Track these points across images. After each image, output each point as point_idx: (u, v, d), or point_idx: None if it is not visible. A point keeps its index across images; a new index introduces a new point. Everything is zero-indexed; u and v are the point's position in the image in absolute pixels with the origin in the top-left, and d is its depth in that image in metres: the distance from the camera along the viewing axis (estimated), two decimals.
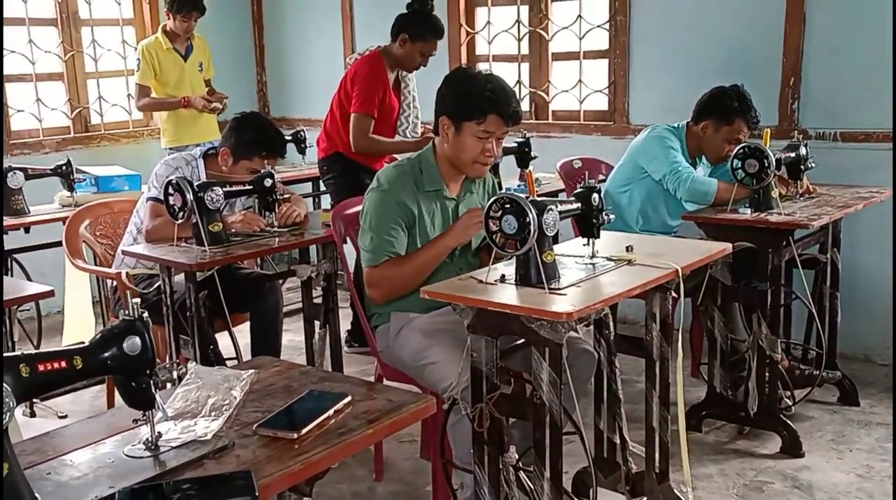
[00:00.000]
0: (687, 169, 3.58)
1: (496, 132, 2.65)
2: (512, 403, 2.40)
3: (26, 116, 5.25)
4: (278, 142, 3.39)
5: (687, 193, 3.55)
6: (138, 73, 5.04)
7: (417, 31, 4.07)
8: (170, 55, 5.06)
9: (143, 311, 1.51)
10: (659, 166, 3.62)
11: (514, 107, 2.65)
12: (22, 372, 1.37)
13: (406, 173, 2.75)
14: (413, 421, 1.83)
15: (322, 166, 4.38)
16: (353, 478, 3.16)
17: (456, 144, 2.69)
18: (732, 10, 4.30)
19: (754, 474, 3.13)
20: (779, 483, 3.06)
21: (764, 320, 3.26)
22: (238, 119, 3.39)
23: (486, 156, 2.68)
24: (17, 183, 4.01)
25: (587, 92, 4.92)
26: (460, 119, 2.65)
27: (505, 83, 2.70)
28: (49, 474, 1.52)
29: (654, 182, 3.67)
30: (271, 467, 1.52)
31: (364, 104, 4.09)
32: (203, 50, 5.24)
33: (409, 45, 4.09)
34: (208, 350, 3.14)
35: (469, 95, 2.63)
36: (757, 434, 3.39)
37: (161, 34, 5.07)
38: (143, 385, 1.52)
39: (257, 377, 1.92)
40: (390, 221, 2.67)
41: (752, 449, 3.32)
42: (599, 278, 2.40)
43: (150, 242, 3.24)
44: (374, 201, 2.72)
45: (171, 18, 4.99)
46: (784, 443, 3.27)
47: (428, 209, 2.75)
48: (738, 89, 3.59)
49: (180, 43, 5.11)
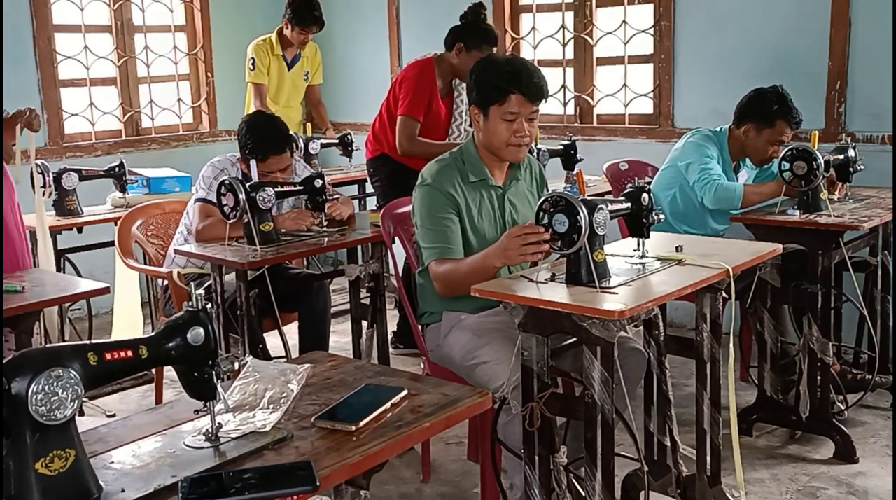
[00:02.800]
0: (715, 176, 3.55)
1: (522, 111, 2.62)
2: (563, 402, 2.39)
3: (80, 120, 5.36)
4: (276, 140, 3.36)
5: (713, 201, 3.53)
6: (252, 73, 5.14)
7: (474, 41, 4.10)
8: (276, 61, 5.17)
9: (207, 302, 1.53)
10: (691, 172, 3.61)
11: (535, 82, 2.61)
12: (90, 360, 1.40)
13: (449, 166, 2.74)
14: (469, 415, 1.83)
15: (369, 168, 4.42)
16: (401, 479, 3.17)
17: (487, 131, 2.68)
18: (777, 14, 4.27)
19: (807, 479, 3.09)
20: (833, 489, 3.02)
21: (815, 323, 3.22)
22: (243, 124, 3.43)
23: (518, 137, 2.65)
24: (72, 184, 4.10)
25: (632, 96, 4.91)
26: (485, 105, 2.66)
27: (526, 61, 2.70)
28: (112, 462, 1.54)
29: (690, 186, 3.65)
30: (330, 458, 1.53)
31: (410, 107, 4.12)
32: (312, 58, 5.37)
33: (464, 54, 4.12)
34: (258, 348, 3.18)
35: (489, 79, 2.64)
36: (809, 439, 3.34)
37: (275, 37, 5.16)
38: (206, 375, 1.55)
39: (313, 371, 1.93)
40: (441, 214, 2.67)
41: (804, 454, 3.27)
42: (650, 277, 2.39)
43: (201, 242, 3.29)
44: (421, 198, 2.73)
45: (289, 28, 5.07)
46: (837, 448, 3.22)
47: (474, 200, 2.73)
48: (778, 90, 3.55)
49: (290, 52, 5.21)
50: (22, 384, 1.31)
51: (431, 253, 2.66)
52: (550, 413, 2.35)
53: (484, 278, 2.47)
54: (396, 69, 5.84)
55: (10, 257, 3.20)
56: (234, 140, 5.70)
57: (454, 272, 2.59)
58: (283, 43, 5.17)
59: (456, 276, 2.58)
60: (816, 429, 3.30)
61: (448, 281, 2.61)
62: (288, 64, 5.23)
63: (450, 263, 2.62)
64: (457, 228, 2.68)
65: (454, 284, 2.58)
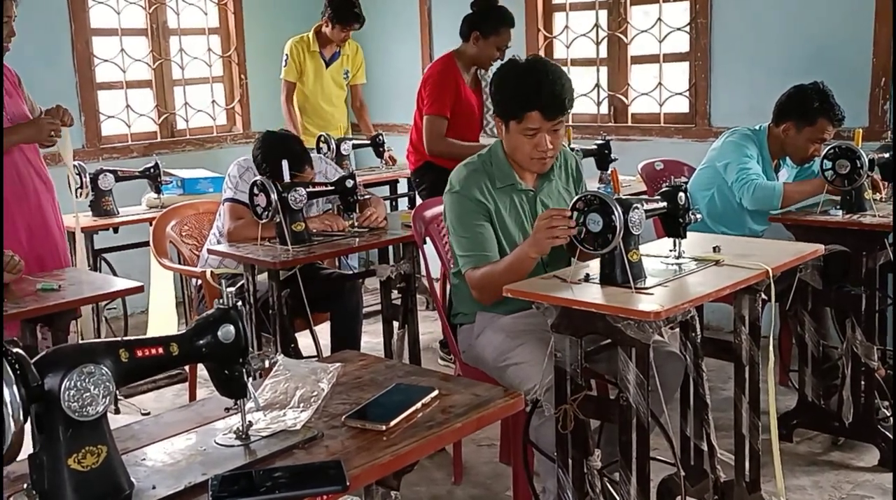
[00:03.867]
0: (754, 176, 3.48)
1: (542, 127, 2.54)
2: (597, 404, 2.36)
3: (117, 122, 5.41)
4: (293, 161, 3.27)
5: (752, 202, 3.47)
6: (284, 69, 5.18)
7: (490, 26, 4.05)
8: (314, 58, 5.19)
9: (238, 300, 1.52)
10: (730, 172, 3.55)
11: (556, 97, 2.51)
12: (122, 357, 1.40)
13: (477, 171, 2.68)
14: (500, 416, 1.80)
15: (415, 179, 4.41)
16: (432, 481, 3.15)
17: (509, 143, 2.64)
18: (818, 8, 4.18)
19: (851, 487, 3.01)
20: (878, 498, 2.93)
21: (858, 326, 3.14)
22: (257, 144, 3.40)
23: (539, 151, 2.59)
24: (108, 185, 4.14)
25: (667, 95, 4.85)
26: (506, 119, 2.60)
27: (549, 69, 2.56)
28: (144, 459, 1.54)
29: (728, 186, 3.59)
30: (360, 458, 1.51)
31: (434, 105, 4.07)
32: (353, 57, 5.36)
33: (482, 42, 4.08)
34: (289, 348, 3.18)
35: (507, 94, 2.57)
36: (852, 446, 3.26)
37: (312, 35, 5.18)
38: (237, 373, 1.54)
39: (343, 371, 1.92)
40: (473, 220, 2.63)
41: (847, 461, 3.19)
42: (686, 278, 2.35)
43: (233, 242, 3.30)
44: (451, 205, 2.69)
45: (329, 25, 5.07)
46: (883, 455, 3.13)
47: (504, 204, 2.68)
48: (819, 87, 3.46)
49: (328, 49, 5.22)
50: (55, 380, 1.31)
51: (467, 261, 2.62)
52: (584, 416, 2.31)
53: (521, 275, 2.44)
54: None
55: (53, 255, 3.25)
56: None
57: (491, 275, 2.54)
58: (320, 41, 5.17)
59: (493, 277, 2.52)
60: (860, 435, 3.22)
61: (486, 284, 2.55)
62: (326, 62, 5.24)
63: (486, 267, 2.58)
64: (490, 232, 2.64)
65: (492, 285, 2.48)
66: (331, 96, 5.32)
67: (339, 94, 5.38)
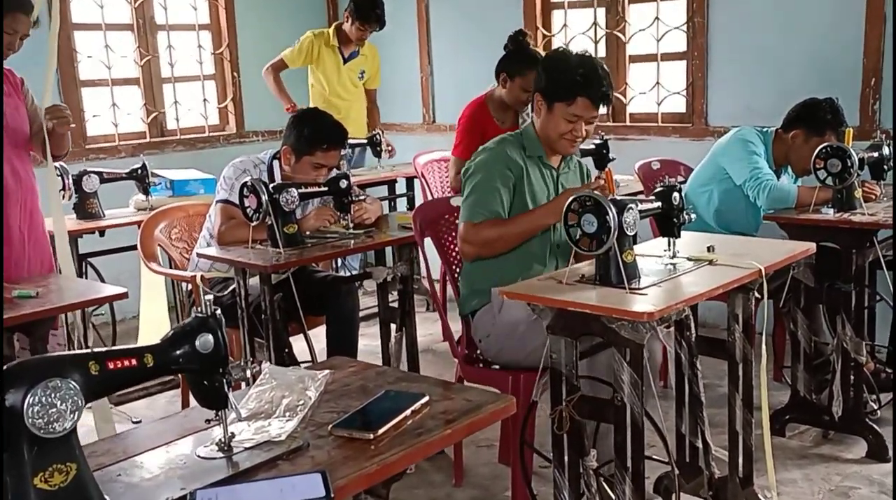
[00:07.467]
0: (768, 176, 3.49)
1: (585, 115, 2.69)
2: (592, 405, 2.33)
3: (103, 122, 5.28)
4: (336, 132, 3.33)
5: (768, 201, 3.45)
6: (289, 50, 5.19)
7: (516, 69, 4.09)
8: (331, 52, 5.21)
9: (216, 308, 1.47)
10: (740, 170, 3.54)
11: (604, 90, 2.68)
12: (91, 370, 1.34)
13: (511, 141, 2.84)
14: (492, 422, 1.77)
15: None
16: (431, 483, 3.11)
17: (547, 121, 2.75)
18: (811, 11, 4.20)
19: (840, 479, 3.05)
20: (865, 489, 2.98)
21: (848, 323, 3.18)
22: (296, 116, 3.39)
23: (573, 134, 2.73)
24: (92, 187, 4.05)
25: (665, 94, 4.83)
26: (552, 99, 2.71)
27: (599, 65, 2.72)
28: (119, 475, 1.49)
29: (735, 185, 3.58)
30: (347, 468, 1.48)
31: (458, 147, 4.24)
32: (370, 60, 5.38)
33: (510, 84, 4.12)
34: (283, 354, 3.12)
35: (561, 76, 2.69)
36: (842, 439, 3.31)
37: (333, 30, 5.20)
38: (216, 384, 1.49)
39: (333, 378, 1.88)
40: (496, 179, 2.73)
41: (837, 454, 3.24)
42: (680, 278, 2.36)
43: (223, 244, 3.23)
44: (482, 160, 2.79)
45: (349, 20, 5.09)
46: (870, 448, 3.19)
47: (533, 171, 2.81)
48: (833, 102, 3.50)
49: (347, 47, 5.23)
50: (17, 396, 1.24)
51: (478, 214, 2.71)
52: (579, 416, 2.30)
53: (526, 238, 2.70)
54: (426, 69, 5.85)
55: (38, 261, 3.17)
56: (262, 142, 5.73)
57: (494, 231, 2.69)
58: (339, 37, 5.19)
59: (504, 233, 2.69)
60: (849, 429, 3.28)
61: (496, 239, 2.70)
62: (344, 58, 5.24)
63: (488, 224, 2.69)
64: (504, 199, 2.74)
65: (501, 240, 2.70)
66: (345, 92, 5.30)
67: (354, 91, 5.38)
